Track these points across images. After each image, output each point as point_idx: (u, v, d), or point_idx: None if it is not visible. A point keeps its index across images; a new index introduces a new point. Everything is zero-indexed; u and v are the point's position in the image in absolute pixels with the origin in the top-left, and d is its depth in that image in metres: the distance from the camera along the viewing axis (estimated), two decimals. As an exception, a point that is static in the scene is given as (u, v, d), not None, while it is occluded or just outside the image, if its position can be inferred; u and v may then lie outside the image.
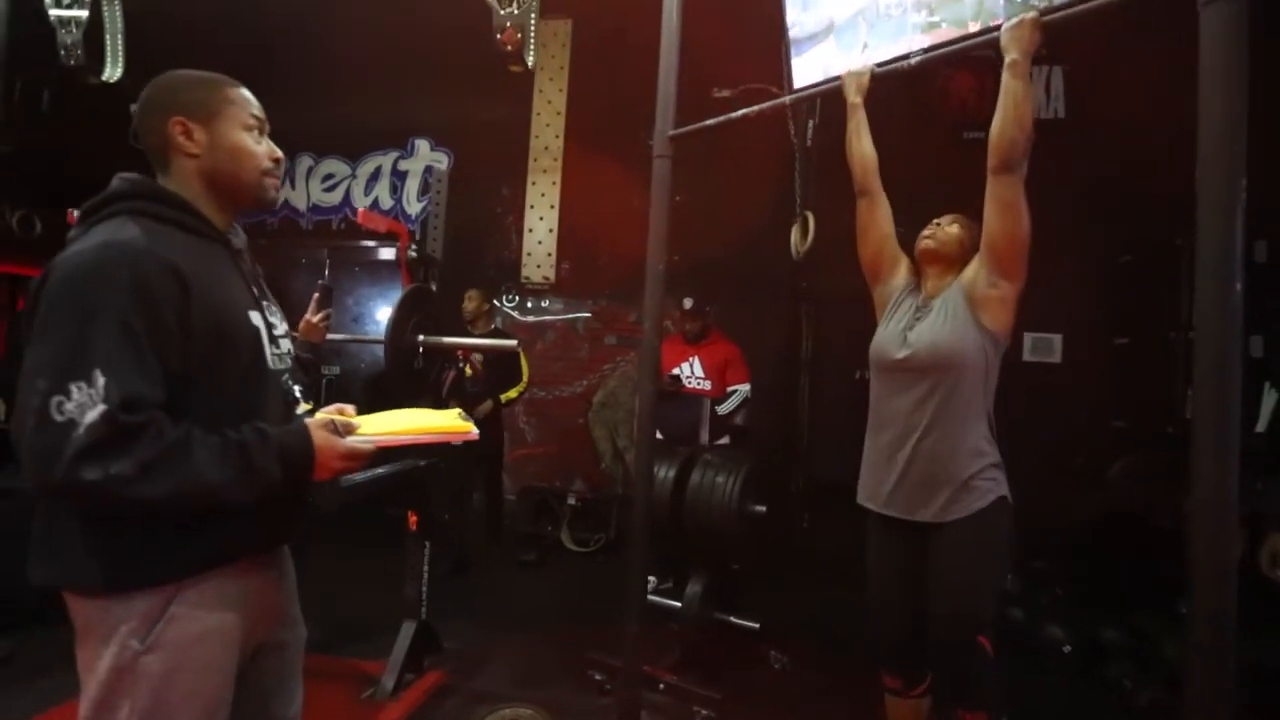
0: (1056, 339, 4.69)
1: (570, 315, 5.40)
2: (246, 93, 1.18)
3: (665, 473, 2.65)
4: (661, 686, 2.57)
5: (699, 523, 2.60)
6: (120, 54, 3.11)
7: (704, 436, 3.08)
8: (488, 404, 3.74)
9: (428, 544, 2.68)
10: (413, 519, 2.62)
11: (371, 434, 1.13)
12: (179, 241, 1.05)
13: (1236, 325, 1.30)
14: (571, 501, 4.87)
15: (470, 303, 3.90)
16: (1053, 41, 1.71)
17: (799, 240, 3.62)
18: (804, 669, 2.90)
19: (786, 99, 2.25)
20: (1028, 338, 4.71)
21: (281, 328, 1.21)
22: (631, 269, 5.29)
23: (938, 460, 1.74)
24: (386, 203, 5.70)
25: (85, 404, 0.89)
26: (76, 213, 1.08)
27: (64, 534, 0.99)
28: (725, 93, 5.21)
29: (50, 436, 0.88)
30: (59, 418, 0.88)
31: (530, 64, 2.61)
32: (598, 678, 2.70)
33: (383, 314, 5.69)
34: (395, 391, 2.45)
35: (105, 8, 3.03)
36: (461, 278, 4.57)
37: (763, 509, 2.64)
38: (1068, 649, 3.20)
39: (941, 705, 1.82)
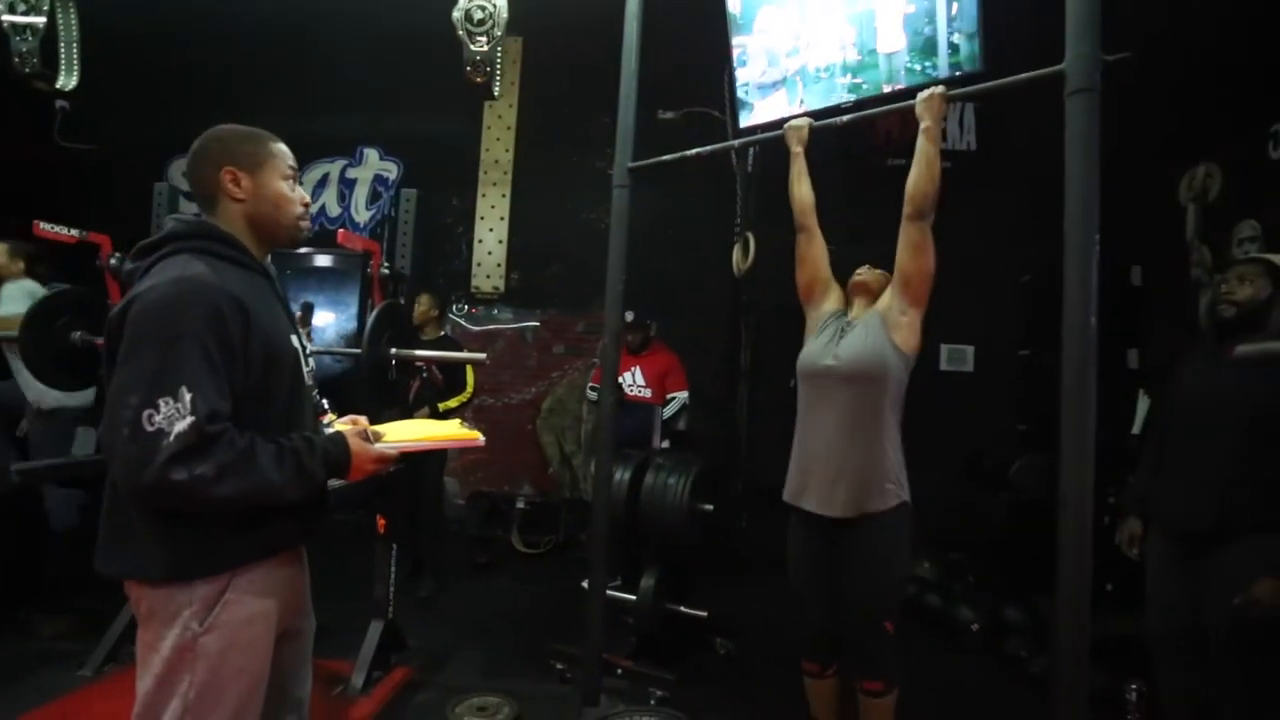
0: (969, 350, 5.17)
1: (519, 324, 5.56)
2: (284, 147, 1.35)
3: (621, 475, 2.87)
4: (619, 671, 2.78)
5: (652, 521, 2.83)
6: (75, 63, 3.11)
7: (656, 441, 3.31)
8: (423, 411, 3.82)
9: (395, 546, 2.81)
10: (381, 522, 2.75)
11: (394, 441, 1.32)
12: (234, 275, 1.20)
13: (1092, 350, 1.62)
14: (521, 505, 5.03)
15: (420, 307, 3.97)
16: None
17: (740, 259, 3.92)
18: (746, 654, 3.18)
19: (735, 143, 2.52)
20: (943, 348, 5.17)
21: (310, 348, 1.37)
22: (579, 280, 5.53)
23: (854, 462, 2.00)
24: (334, 210, 5.70)
25: (174, 416, 1.04)
26: (133, 249, 1.23)
27: (132, 531, 1.13)
28: (670, 115, 5.49)
29: (143, 445, 1.03)
30: (149, 428, 1.03)
31: (496, 94, 2.79)
32: (559, 667, 2.89)
33: (321, 319, 5.67)
34: (366, 400, 2.57)
35: (60, 16, 3.03)
36: (412, 285, 4.67)
37: (710, 507, 2.90)
38: (975, 627, 3.59)
39: (850, 678, 2.13)
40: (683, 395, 4.02)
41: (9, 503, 3.16)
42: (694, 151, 2.58)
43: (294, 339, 1.30)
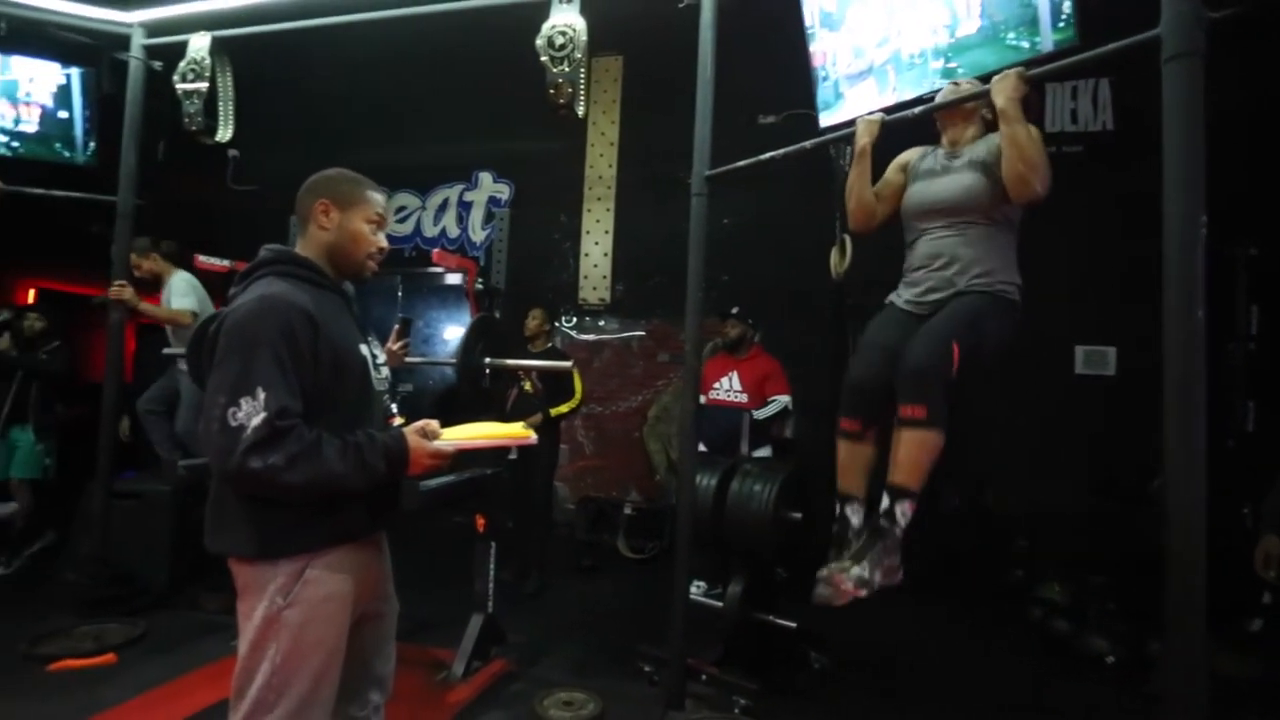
0: (1110, 351, 4.68)
1: (625, 334, 5.70)
2: (380, 197, 1.53)
3: (707, 481, 2.87)
4: (704, 678, 2.78)
5: (738, 528, 2.81)
6: (230, 118, 3.59)
7: (744, 447, 3.28)
8: (537, 416, 4.02)
9: (493, 544, 2.98)
10: (480, 522, 2.93)
11: (452, 439, 1.44)
12: (309, 293, 1.37)
13: (1197, 346, 1.44)
14: (627, 511, 5.13)
15: (533, 321, 4.22)
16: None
17: (838, 261, 3.80)
18: (839, 670, 3.05)
19: (808, 144, 2.48)
20: (1079, 351, 4.71)
21: (382, 357, 1.54)
22: (682, 290, 5.57)
23: (967, 260, 1.99)
24: (453, 231, 6.16)
25: (251, 413, 1.21)
26: (237, 274, 1.45)
27: (230, 515, 1.32)
28: (770, 119, 5.44)
29: (228, 437, 1.21)
30: (233, 423, 1.21)
31: (581, 113, 2.92)
32: (646, 669, 2.94)
33: (449, 333, 6.13)
34: (464, 408, 2.77)
35: (219, 79, 3.52)
36: (522, 300, 4.94)
37: (798, 515, 2.83)
38: (1111, 660, 3.24)
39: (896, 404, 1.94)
40: (784, 399, 3.93)
41: (178, 497, 3.70)
42: (768, 155, 2.57)
43: (363, 348, 1.45)
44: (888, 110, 2.28)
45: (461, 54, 5.17)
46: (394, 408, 1.52)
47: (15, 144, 3.70)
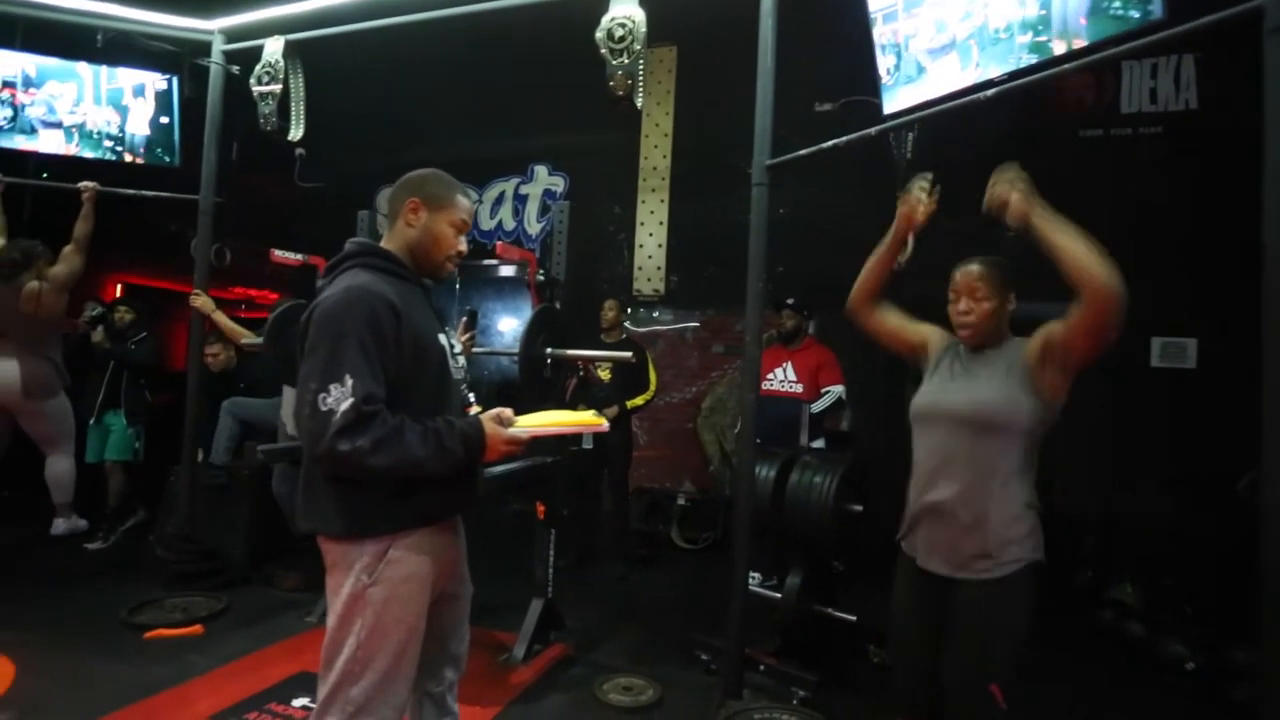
0: (1190, 343, 4.45)
1: (680, 325, 5.70)
2: (467, 203, 1.58)
3: (766, 473, 2.86)
4: (761, 668, 2.78)
5: (797, 519, 2.80)
6: (302, 117, 3.73)
7: (803, 439, 3.26)
8: (613, 409, 4.09)
9: (553, 531, 3.05)
10: (540, 509, 2.99)
11: (526, 426, 1.48)
12: (392, 284, 1.43)
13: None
14: (681, 502, 5.16)
15: (610, 312, 4.31)
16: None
17: (900, 252, 3.73)
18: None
19: (873, 130, 2.43)
20: (1155, 342, 4.50)
21: (458, 347, 1.60)
22: (737, 281, 5.54)
23: (974, 518, 1.70)
24: (510, 224, 6.26)
25: (340, 398, 1.27)
26: (323, 267, 1.52)
27: (320, 496, 1.39)
28: (827, 106, 5.34)
29: (318, 421, 1.27)
30: (323, 408, 1.27)
31: (640, 105, 2.93)
32: (704, 658, 2.96)
33: (503, 325, 6.26)
34: (525, 397, 2.83)
35: (292, 81, 3.66)
36: (576, 291, 5.01)
37: (859, 508, 2.80)
38: (1190, 666, 3.10)
39: None
40: (837, 389, 3.89)
41: (255, 481, 3.90)
42: (831, 143, 2.54)
43: (441, 337, 1.51)
44: (965, 92, 2.19)
45: (517, 49, 5.24)
46: (471, 396, 1.57)
47: (120, 148, 3.94)
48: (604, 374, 4.23)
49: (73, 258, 3.63)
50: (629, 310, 5.70)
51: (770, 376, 4.00)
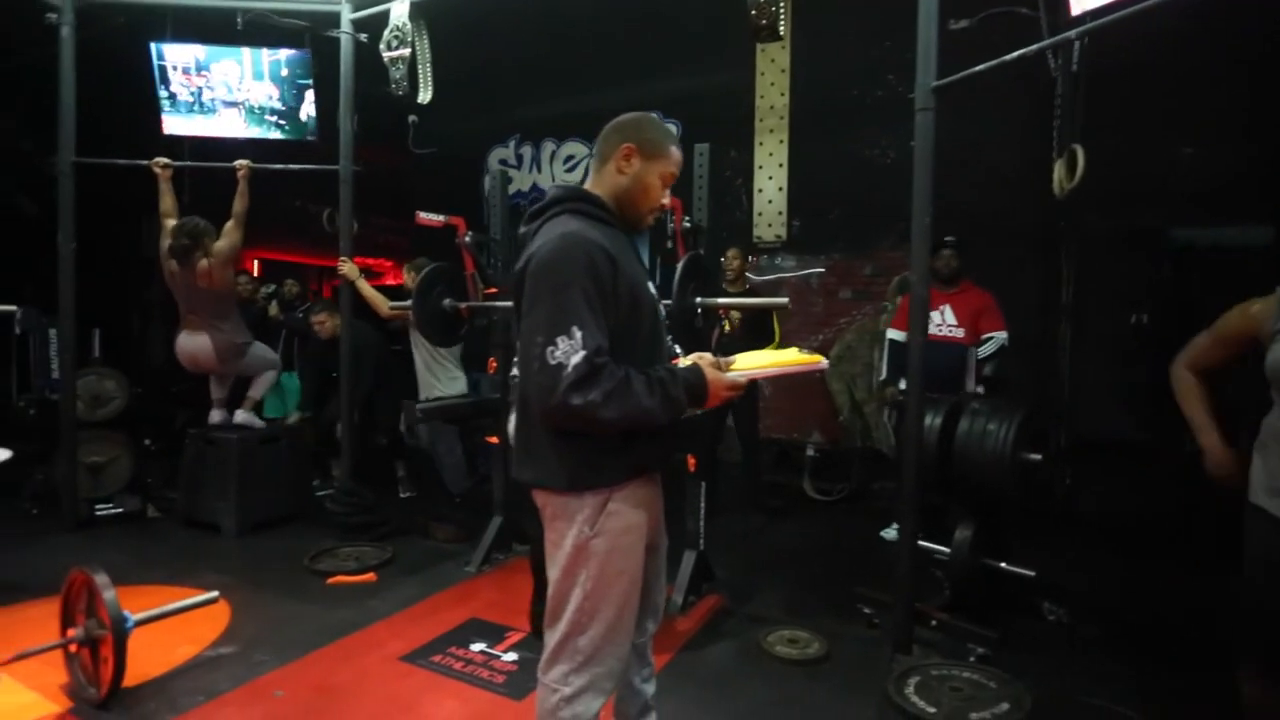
0: None
1: (804, 271, 5.48)
2: (679, 155, 1.49)
3: (931, 421, 2.70)
4: (933, 624, 2.67)
5: (968, 470, 2.63)
6: (429, 80, 3.76)
7: (970, 384, 3.04)
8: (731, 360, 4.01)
9: (704, 483, 3.02)
10: (691, 461, 2.96)
11: (743, 369, 1.42)
12: (602, 231, 1.38)
13: None
14: (811, 453, 5.04)
15: (735, 261, 4.20)
16: None
17: (1064, 177, 3.37)
18: (1079, 624, 2.82)
19: (1073, 34, 2.15)
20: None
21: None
22: (864, 222, 5.26)
23: None
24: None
25: (569, 351, 1.23)
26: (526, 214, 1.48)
27: (540, 449, 1.38)
28: (962, 23, 4.85)
29: (548, 375, 1.24)
30: (552, 362, 1.24)
31: (782, 33, 2.74)
32: (866, 611, 2.88)
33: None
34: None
35: (418, 42, 3.69)
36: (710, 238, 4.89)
37: (1038, 457, 2.60)
38: None
39: None
40: (1001, 335, 3.61)
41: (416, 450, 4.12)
42: (1016, 54, 2.27)
43: (650, 286, 1.45)
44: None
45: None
46: (677, 347, 1.51)
47: (283, 122, 4.16)
48: (727, 325, 4.12)
49: (233, 233, 3.87)
50: (750, 258, 5.54)
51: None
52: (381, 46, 3.65)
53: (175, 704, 2.20)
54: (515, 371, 2.73)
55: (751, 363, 1.45)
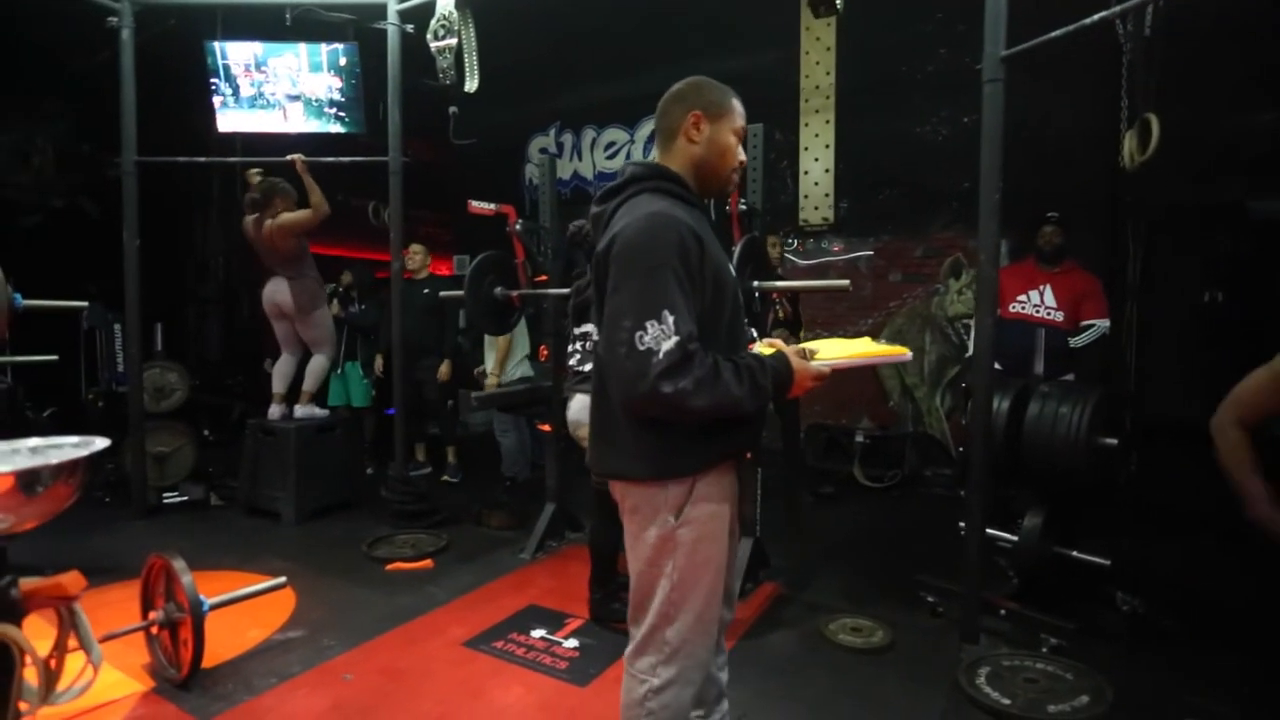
0: None
1: (851, 255, 5.37)
2: (741, 106, 1.44)
3: (998, 404, 2.61)
4: (1002, 613, 2.60)
5: (1038, 455, 2.54)
6: (475, 69, 3.76)
7: (1038, 366, 2.93)
8: (783, 332, 3.96)
9: (759, 470, 2.98)
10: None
11: (827, 359, 1.37)
12: (686, 210, 1.33)
13: None
14: (860, 439, 4.95)
15: (773, 250, 4.14)
16: None
17: (1136, 148, 3.22)
18: (1157, 616, 2.71)
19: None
20: None
21: None
22: (915, 202, 5.12)
23: None
24: (646, 160, 6.12)
25: (660, 336, 1.19)
26: (599, 192, 1.44)
27: (620, 438, 1.35)
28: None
29: (637, 361, 1.19)
30: (641, 347, 1.19)
31: (839, 4, 2.65)
32: (929, 599, 2.81)
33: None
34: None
35: (464, 32, 3.68)
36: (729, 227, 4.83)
37: (1114, 442, 2.50)
38: None
39: None
40: (1103, 324, 3.44)
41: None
42: (1097, 17, 2.15)
43: (731, 269, 1.40)
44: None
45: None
46: (753, 332, 1.47)
47: (342, 114, 4.23)
48: (780, 311, 4.07)
49: (304, 212, 3.98)
50: (793, 242, 5.45)
51: (1022, 299, 3.59)
52: (428, 36, 3.65)
53: (251, 685, 2.26)
54: (574, 360, 2.75)
55: (834, 352, 1.40)
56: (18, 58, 5.36)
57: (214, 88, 4.20)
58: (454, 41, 3.59)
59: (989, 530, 2.59)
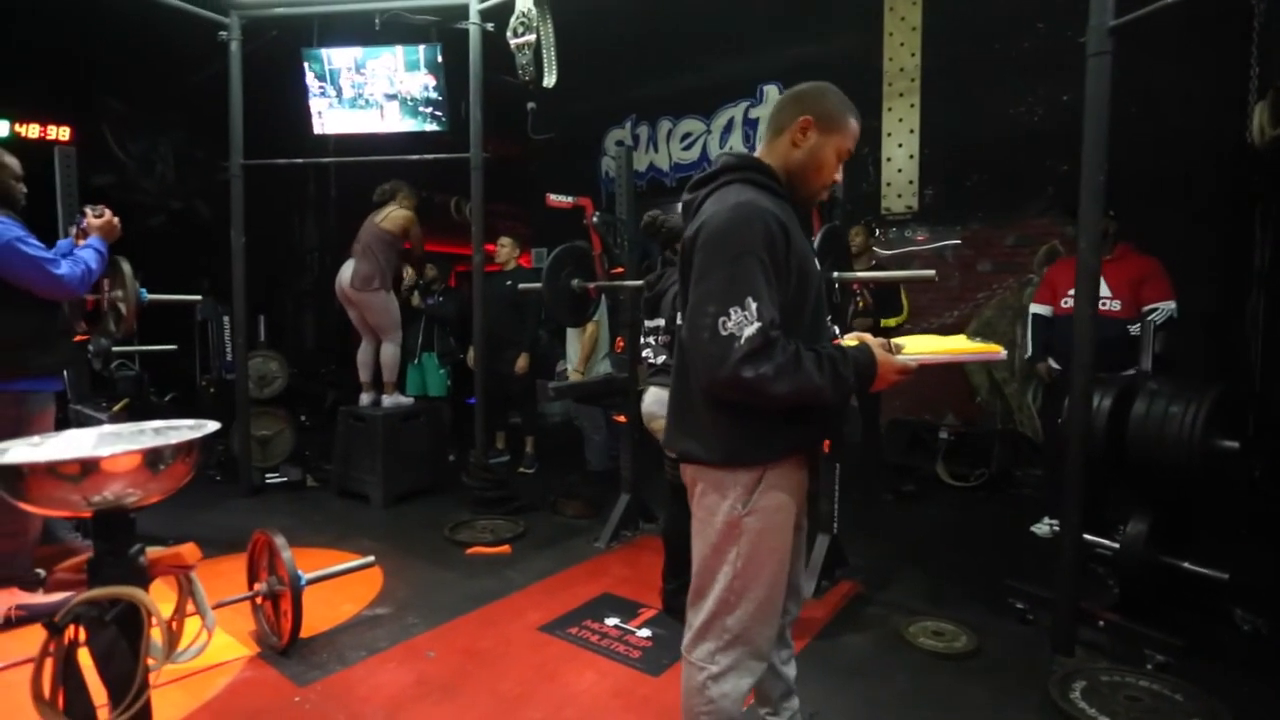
0: None
1: (937, 244, 5.15)
2: (857, 128, 1.42)
3: (1100, 402, 2.44)
4: (1101, 625, 2.44)
5: (1146, 457, 2.36)
6: (554, 64, 3.81)
7: (1145, 363, 2.73)
8: (867, 322, 3.85)
9: (838, 465, 2.91)
10: (825, 444, 2.85)
11: (914, 353, 1.33)
12: (774, 201, 1.32)
13: None
14: (944, 435, 4.75)
15: (858, 237, 4.04)
16: None
17: (1267, 123, 2.95)
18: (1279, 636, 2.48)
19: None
20: None
21: None
22: (1005, 188, 4.85)
23: None
24: (740, 150, 6.04)
25: (743, 322, 1.19)
26: (691, 181, 1.45)
27: (697, 421, 1.36)
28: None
29: (719, 346, 1.20)
30: (724, 333, 1.19)
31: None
32: (1018, 606, 2.67)
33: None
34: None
35: (542, 28, 3.74)
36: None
37: (1235, 445, 2.29)
38: None
39: None
40: (1168, 306, 3.21)
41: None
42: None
43: (816, 261, 1.38)
44: None
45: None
46: (836, 329, 1.44)
47: (440, 113, 4.45)
48: (861, 304, 3.96)
49: (411, 226, 4.31)
50: (876, 233, 5.26)
51: (1073, 292, 3.40)
52: (508, 34, 3.73)
53: (343, 657, 2.39)
54: (647, 352, 2.76)
55: (923, 347, 1.36)
56: (145, 76, 5.85)
57: (320, 91, 4.45)
58: (533, 38, 3.65)
59: (1085, 536, 2.44)
